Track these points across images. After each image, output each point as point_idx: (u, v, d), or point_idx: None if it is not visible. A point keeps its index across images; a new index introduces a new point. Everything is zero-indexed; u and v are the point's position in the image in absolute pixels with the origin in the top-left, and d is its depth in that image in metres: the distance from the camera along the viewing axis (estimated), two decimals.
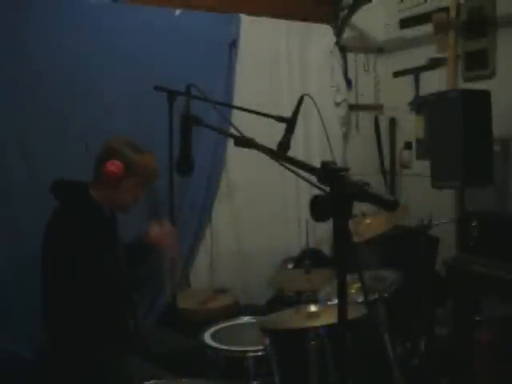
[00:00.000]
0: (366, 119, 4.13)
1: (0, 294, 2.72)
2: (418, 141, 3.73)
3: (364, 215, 2.64)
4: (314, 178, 1.15)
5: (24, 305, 2.72)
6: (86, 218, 1.99)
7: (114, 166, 2.04)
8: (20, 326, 2.71)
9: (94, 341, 1.99)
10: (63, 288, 1.92)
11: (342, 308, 1.08)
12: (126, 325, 2.18)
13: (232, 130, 1.64)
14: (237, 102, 3.30)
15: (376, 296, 2.30)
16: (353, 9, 3.82)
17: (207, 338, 2.27)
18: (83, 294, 1.89)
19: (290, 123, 2.18)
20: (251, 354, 2.12)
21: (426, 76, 3.71)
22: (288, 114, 2.20)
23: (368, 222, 2.63)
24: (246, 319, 2.51)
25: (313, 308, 2.11)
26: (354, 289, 2.48)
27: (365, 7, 3.78)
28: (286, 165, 1.28)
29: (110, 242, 2.10)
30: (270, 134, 2.04)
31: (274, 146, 2.02)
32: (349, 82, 4.02)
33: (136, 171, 2.08)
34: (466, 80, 3.34)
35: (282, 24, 3.64)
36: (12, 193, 2.80)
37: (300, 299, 2.73)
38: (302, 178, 1.25)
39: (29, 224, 2.79)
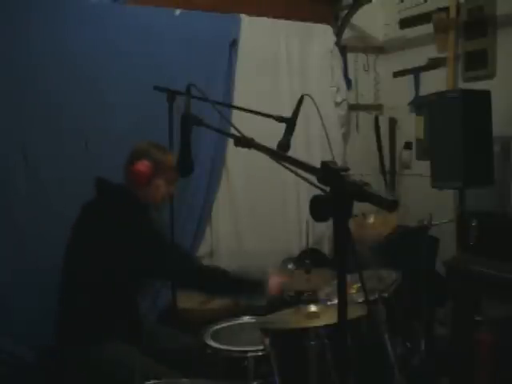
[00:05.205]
0: (365, 119, 4.14)
1: (0, 294, 2.71)
2: (418, 141, 3.73)
3: (364, 215, 2.65)
4: (313, 178, 1.14)
5: (24, 305, 2.73)
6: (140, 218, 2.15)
7: (143, 165, 2.17)
8: (20, 326, 2.71)
9: (107, 339, 2.04)
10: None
11: (341, 308, 1.08)
12: (139, 324, 2.23)
13: (232, 130, 1.64)
14: (237, 102, 3.30)
15: (376, 296, 2.30)
16: (353, 9, 3.83)
17: (207, 337, 2.27)
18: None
19: (290, 123, 2.18)
20: (251, 353, 2.11)
21: (426, 76, 3.71)
22: (288, 114, 2.20)
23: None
24: (246, 319, 2.51)
25: (313, 308, 2.11)
26: (354, 289, 2.48)
27: (365, 7, 3.79)
28: (286, 165, 1.28)
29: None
30: (270, 134, 2.04)
31: (274, 146, 2.02)
32: (349, 82, 4.02)
33: (163, 169, 2.21)
34: (466, 80, 3.34)
35: (282, 24, 3.65)
36: (12, 193, 2.80)
37: (300, 299, 2.73)
38: (302, 178, 1.25)
39: (29, 224, 2.80)
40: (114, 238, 2.05)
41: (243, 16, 3.48)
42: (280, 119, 2.21)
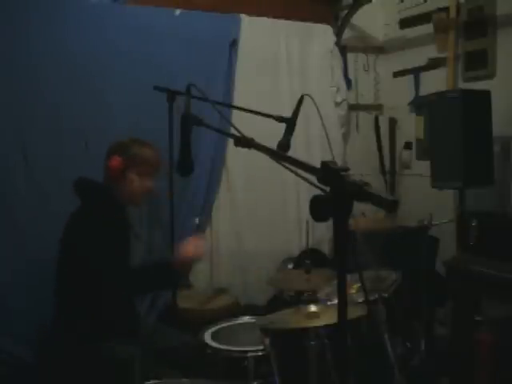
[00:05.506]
0: (365, 119, 4.13)
1: (0, 294, 2.71)
2: (418, 141, 3.73)
3: (364, 215, 2.65)
4: (313, 178, 1.14)
5: (24, 305, 2.73)
6: (108, 218, 2.09)
7: (114, 160, 2.15)
8: (20, 326, 2.71)
9: (104, 338, 2.04)
10: (84, 285, 2.00)
11: (341, 308, 1.08)
12: (136, 322, 2.24)
13: (232, 130, 1.64)
14: (237, 102, 3.30)
15: (376, 296, 2.30)
16: (353, 9, 3.82)
17: (207, 338, 2.27)
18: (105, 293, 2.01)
19: (290, 123, 2.18)
20: (251, 353, 2.12)
21: (426, 76, 3.71)
22: (288, 114, 2.20)
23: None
24: (246, 319, 2.51)
25: (313, 308, 2.11)
26: (353, 289, 2.48)
27: (365, 7, 3.79)
28: (286, 165, 1.28)
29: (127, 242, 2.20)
30: (270, 134, 2.03)
31: (273, 146, 2.02)
32: (349, 82, 4.02)
33: (136, 162, 2.18)
34: (466, 80, 3.34)
35: (282, 24, 3.65)
36: (12, 193, 2.80)
37: (300, 299, 2.73)
38: (302, 178, 1.25)
39: (29, 224, 2.80)
40: (92, 238, 2.02)
41: (243, 16, 3.48)
42: (280, 119, 2.21)
